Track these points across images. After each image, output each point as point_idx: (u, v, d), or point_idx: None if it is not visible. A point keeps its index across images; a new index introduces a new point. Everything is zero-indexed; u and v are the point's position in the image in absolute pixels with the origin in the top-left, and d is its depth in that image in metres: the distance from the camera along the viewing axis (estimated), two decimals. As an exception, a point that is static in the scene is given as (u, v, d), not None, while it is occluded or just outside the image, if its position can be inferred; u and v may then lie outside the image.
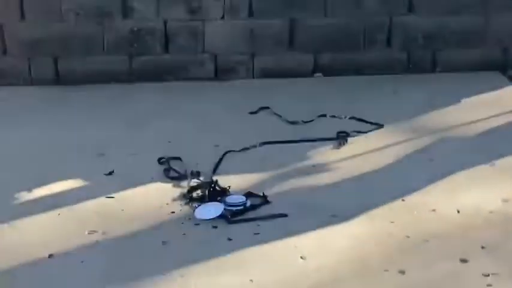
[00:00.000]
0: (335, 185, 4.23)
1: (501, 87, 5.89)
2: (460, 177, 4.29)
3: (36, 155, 4.67)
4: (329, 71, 6.13)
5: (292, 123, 5.14)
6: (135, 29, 5.94)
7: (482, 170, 4.40)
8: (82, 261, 3.47)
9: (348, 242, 3.61)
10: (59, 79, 5.99)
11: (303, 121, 5.16)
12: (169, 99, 5.66)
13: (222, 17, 5.96)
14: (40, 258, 3.49)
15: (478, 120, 5.15)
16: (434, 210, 3.91)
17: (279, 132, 4.97)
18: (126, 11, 5.90)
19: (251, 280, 3.29)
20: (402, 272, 3.35)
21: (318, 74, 6.14)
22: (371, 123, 5.09)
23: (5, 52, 5.92)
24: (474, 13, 6.11)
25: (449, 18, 6.11)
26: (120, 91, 5.83)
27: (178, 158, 4.51)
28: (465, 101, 5.56)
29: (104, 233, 3.71)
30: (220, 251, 3.53)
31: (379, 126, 5.06)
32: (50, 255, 3.51)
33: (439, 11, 6.10)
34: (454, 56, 6.23)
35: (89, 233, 3.70)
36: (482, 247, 3.55)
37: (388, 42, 6.14)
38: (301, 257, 3.48)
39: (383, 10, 6.05)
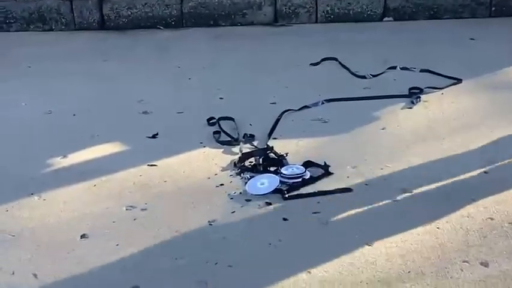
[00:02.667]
0: (406, 154, 3.93)
1: None
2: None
3: (71, 111, 4.52)
4: (400, 15, 5.98)
5: (359, 76, 4.95)
6: (187, -33, 5.93)
7: None
8: (117, 244, 3.18)
9: (421, 226, 3.26)
10: (103, 24, 5.94)
11: (371, 74, 4.97)
12: (222, 46, 5.58)
13: (283, -47, 5.94)
14: (71, 239, 3.23)
15: None
16: (522, 186, 3.59)
17: (344, 87, 4.81)
18: None
19: (309, 272, 2.98)
20: (485, 264, 3.02)
21: (388, 18, 5.99)
22: (447, 77, 4.85)
23: (45, -6, 5.97)
24: None
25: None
26: (168, 38, 5.77)
27: (231, 119, 4.31)
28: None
29: (143, 210, 3.45)
30: (274, 235, 3.22)
31: (457, 81, 4.80)
32: (83, 236, 3.26)
33: None
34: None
35: (126, 209, 3.45)
36: None
37: (468, -19, 6.05)
38: (368, 244, 3.14)
39: None
